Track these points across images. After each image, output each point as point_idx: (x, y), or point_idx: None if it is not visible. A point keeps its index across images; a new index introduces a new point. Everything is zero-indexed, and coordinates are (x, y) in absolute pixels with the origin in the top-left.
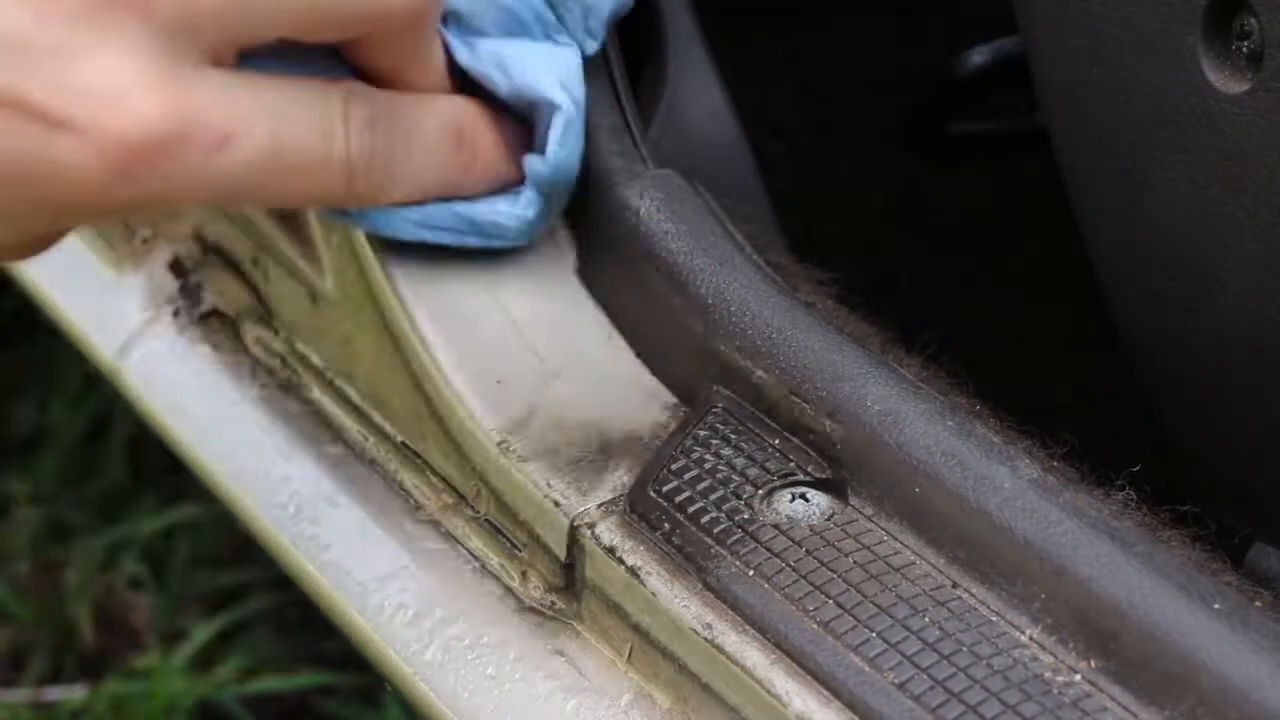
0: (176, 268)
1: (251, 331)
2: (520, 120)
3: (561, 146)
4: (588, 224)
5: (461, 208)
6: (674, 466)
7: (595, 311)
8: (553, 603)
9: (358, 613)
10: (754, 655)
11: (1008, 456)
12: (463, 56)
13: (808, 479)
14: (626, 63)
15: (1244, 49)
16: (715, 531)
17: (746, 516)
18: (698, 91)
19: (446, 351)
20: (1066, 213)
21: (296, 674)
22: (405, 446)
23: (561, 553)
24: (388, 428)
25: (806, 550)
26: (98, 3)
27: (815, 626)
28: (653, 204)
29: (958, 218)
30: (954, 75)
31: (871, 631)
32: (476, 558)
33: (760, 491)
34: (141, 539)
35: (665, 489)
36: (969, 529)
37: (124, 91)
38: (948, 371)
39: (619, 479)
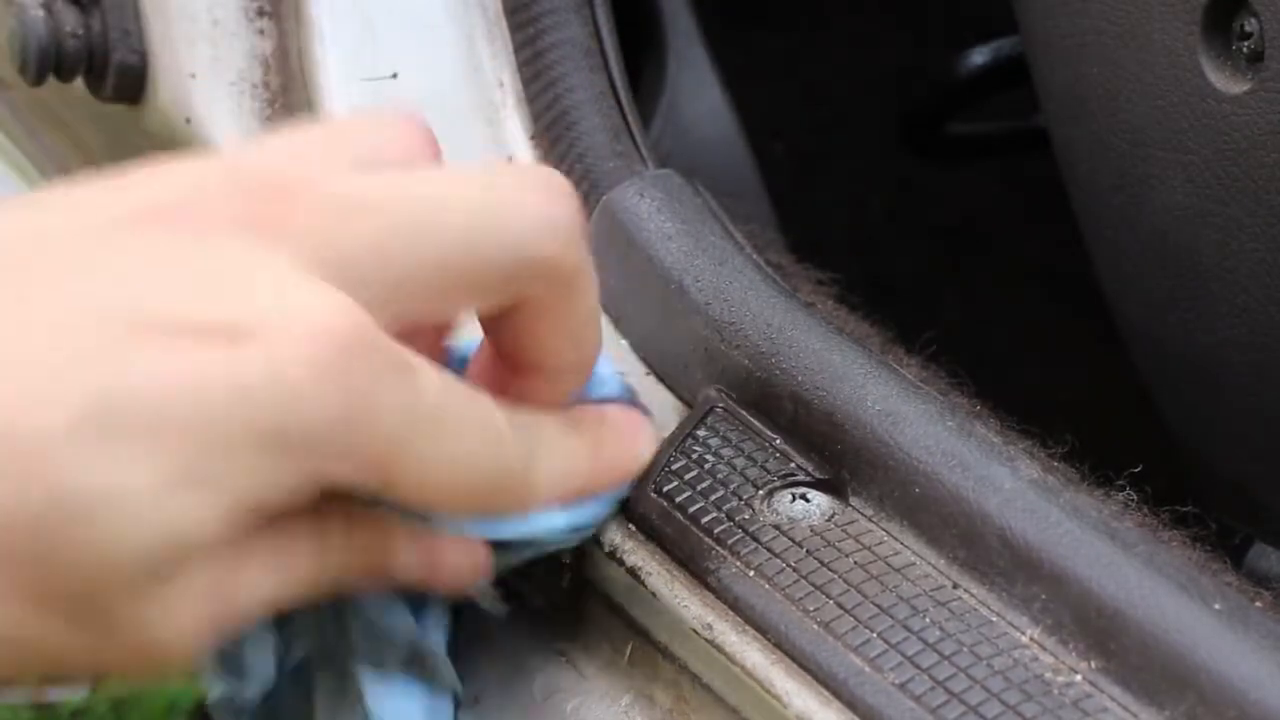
0: None
1: None
2: None
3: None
4: (587, 224)
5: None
6: (674, 467)
7: None
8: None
9: None
10: (754, 655)
11: (1008, 456)
12: None
13: (808, 479)
14: (626, 63)
15: (1244, 49)
16: (716, 532)
17: (747, 517)
18: (697, 91)
19: None
20: (1066, 213)
21: None
22: None
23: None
24: None
25: (807, 550)
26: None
27: (815, 626)
28: (653, 204)
29: (958, 218)
30: (954, 75)
31: (872, 632)
32: None
33: (760, 492)
34: None
35: (665, 489)
36: (969, 529)
37: (302, 298)
38: (948, 371)
39: None
